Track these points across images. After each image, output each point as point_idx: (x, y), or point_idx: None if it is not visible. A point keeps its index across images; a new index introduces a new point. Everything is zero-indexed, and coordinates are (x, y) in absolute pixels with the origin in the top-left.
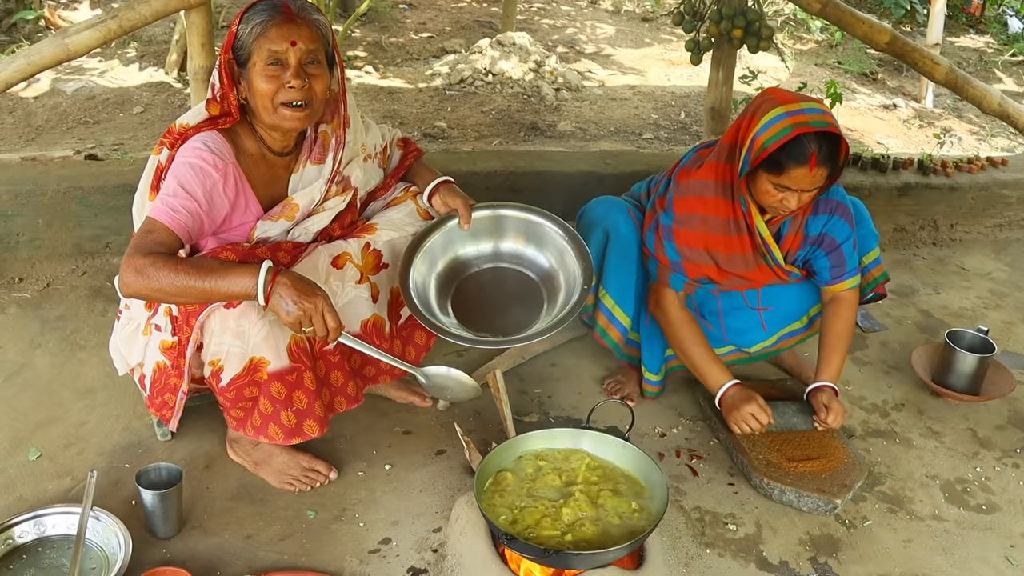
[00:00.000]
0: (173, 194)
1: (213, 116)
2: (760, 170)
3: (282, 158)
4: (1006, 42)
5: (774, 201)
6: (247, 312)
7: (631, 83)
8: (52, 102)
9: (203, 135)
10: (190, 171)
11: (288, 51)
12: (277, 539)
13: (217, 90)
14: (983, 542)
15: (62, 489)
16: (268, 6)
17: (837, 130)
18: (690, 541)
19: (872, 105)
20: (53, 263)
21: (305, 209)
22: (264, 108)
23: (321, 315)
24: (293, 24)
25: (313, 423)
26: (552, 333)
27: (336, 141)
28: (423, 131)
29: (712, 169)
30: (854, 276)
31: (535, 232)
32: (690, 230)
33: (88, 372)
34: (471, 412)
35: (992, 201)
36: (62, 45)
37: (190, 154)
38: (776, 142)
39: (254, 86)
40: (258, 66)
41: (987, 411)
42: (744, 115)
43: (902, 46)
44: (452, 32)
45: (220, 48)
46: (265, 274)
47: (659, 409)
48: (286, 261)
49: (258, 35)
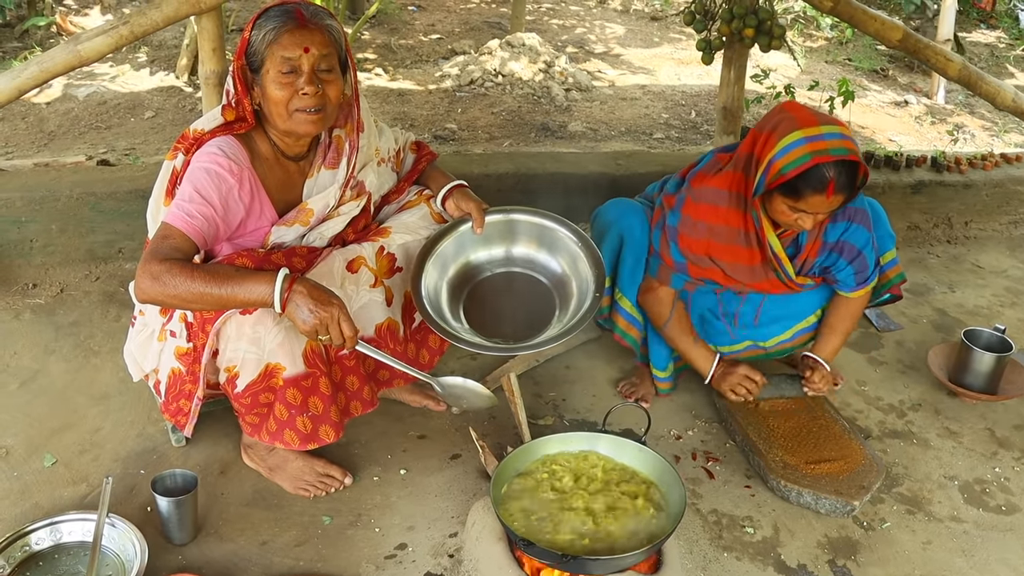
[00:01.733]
0: (189, 199)
1: (228, 121)
2: (776, 192)
3: (296, 163)
4: (1017, 36)
5: (789, 220)
6: (263, 318)
7: (641, 83)
8: (64, 107)
9: (218, 140)
10: (206, 176)
11: (301, 57)
12: (293, 545)
13: (231, 96)
14: (1003, 543)
15: (78, 496)
16: (280, 12)
17: (856, 157)
18: (707, 545)
19: (883, 102)
20: (66, 269)
21: (320, 214)
22: (278, 114)
23: (337, 323)
24: (306, 30)
25: (328, 428)
26: (564, 340)
27: (350, 146)
28: (433, 133)
29: (728, 179)
30: (872, 281)
31: (548, 237)
32: (694, 236)
33: (102, 378)
34: (486, 416)
35: (1007, 198)
36: (74, 52)
37: (206, 159)
38: (794, 170)
39: (268, 92)
40: (271, 73)
41: (1005, 410)
42: (763, 128)
43: (915, 43)
44: (461, 33)
45: (232, 53)
46: (282, 282)
47: (674, 411)
48: (301, 266)
49: (271, 42)
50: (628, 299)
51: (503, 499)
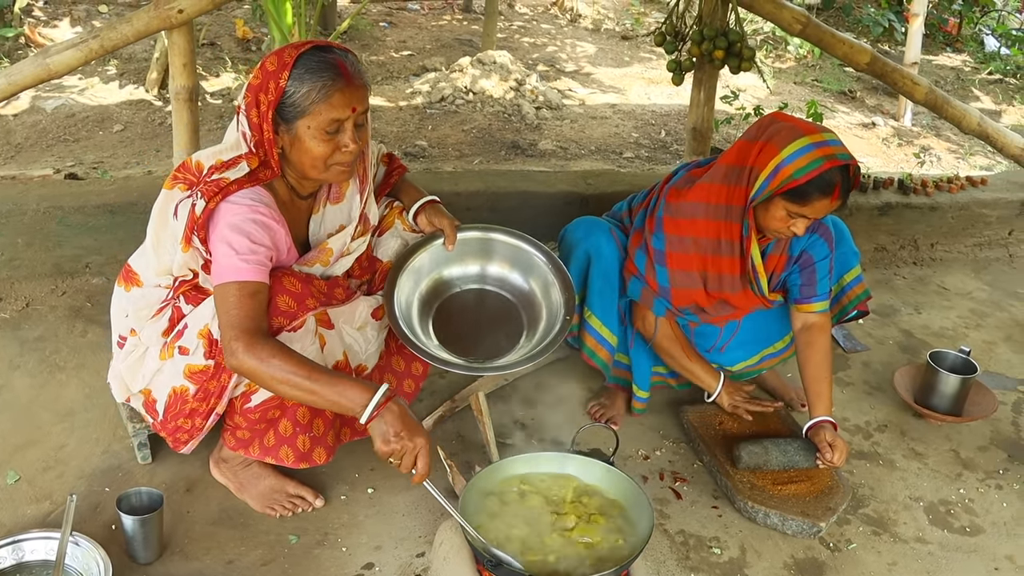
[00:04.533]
0: (251, 251)
1: (252, 169)
2: (778, 198)
3: (305, 201)
4: (983, 60)
5: (782, 226)
6: (303, 337)
7: (611, 102)
8: (32, 120)
9: (252, 193)
10: (255, 227)
11: (348, 117)
12: (259, 564)
13: (251, 140)
14: (967, 565)
15: (41, 513)
16: (324, 65)
17: (857, 162)
18: (675, 565)
19: (851, 124)
20: (32, 283)
21: (338, 253)
22: (313, 167)
23: (415, 456)
24: (352, 88)
25: (323, 451)
26: (532, 364)
27: (360, 180)
28: (404, 150)
29: (705, 191)
30: (823, 300)
31: (522, 258)
32: (683, 252)
33: (68, 394)
34: (454, 435)
35: (972, 220)
36: (43, 65)
37: (248, 211)
38: (807, 174)
39: (306, 146)
40: (313, 129)
41: (970, 432)
42: (756, 139)
43: (882, 67)
44: (432, 50)
45: (245, 89)
46: (380, 396)
47: (642, 431)
48: (342, 298)
49: (318, 100)
50: (597, 317)
51: (471, 519)
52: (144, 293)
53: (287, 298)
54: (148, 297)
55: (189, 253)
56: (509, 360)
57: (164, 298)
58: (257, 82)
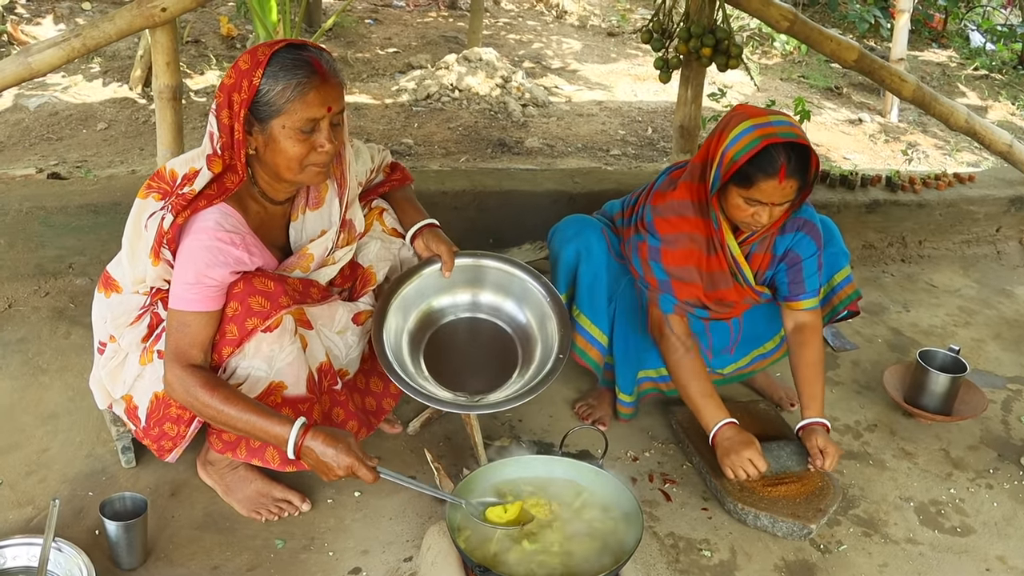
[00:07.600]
0: (196, 282)
1: (217, 175)
2: (731, 184)
3: (279, 206)
4: (968, 56)
5: (746, 216)
6: (280, 337)
7: (598, 98)
8: (14, 118)
9: (214, 214)
10: (208, 255)
11: (324, 116)
12: (245, 570)
13: (217, 141)
14: (958, 565)
15: (23, 519)
16: (298, 63)
17: (805, 141)
18: (664, 568)
19: (838, 120)
20: (14, 284)
21: (319, 259)
22: (288, 168)
23: (351, 472)
24: (328, 86)
25: None
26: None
27: (338, 184)
28: (389, 148)
29: (687, 190)
30: (813, 297)
31: (516, 286)
32: (678, 249)
33: (50, 397)
34: (441, 437)
35: (959, 217)
36: (25, 64)
37: (207, 237)
38: (745, 154)
39: (281, 147)
40: (288, 129)
41: (959, 431)
42: (714, 133)
43: (870, 63)
44: (418, 47)
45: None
46: (296, 436)
47: (631, 432)
48: (317, 297)
49: (293, 98)
50: (586, 316)
51: (459, 523)
52: (123, 299)
53: (259, 299)
54: (126, 303)
55: (160, 266)
56: (498, 398)
57: (142, 304)
58: (230, 81)
